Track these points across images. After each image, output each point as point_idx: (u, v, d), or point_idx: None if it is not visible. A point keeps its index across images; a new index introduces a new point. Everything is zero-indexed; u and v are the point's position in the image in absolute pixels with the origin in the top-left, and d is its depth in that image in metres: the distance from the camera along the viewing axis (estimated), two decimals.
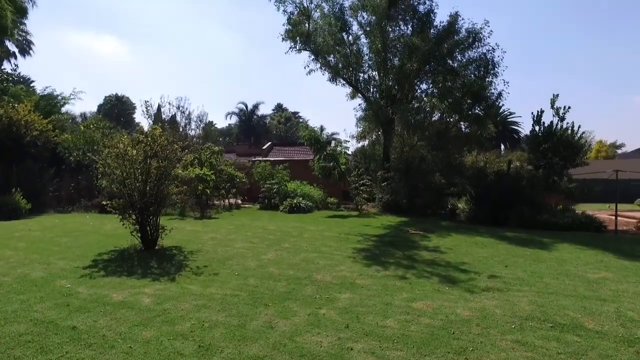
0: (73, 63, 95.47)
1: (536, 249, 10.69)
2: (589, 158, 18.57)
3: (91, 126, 21.60)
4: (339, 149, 22.37)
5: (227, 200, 22.14)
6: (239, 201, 23.45)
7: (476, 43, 19.88)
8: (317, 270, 7.79)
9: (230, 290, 6.32)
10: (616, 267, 8.56)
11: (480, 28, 19.67)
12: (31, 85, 40.89)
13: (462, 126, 21.69)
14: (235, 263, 8.31)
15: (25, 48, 34.29)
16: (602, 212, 20.54)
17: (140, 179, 9.28)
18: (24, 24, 17.56)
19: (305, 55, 22.33)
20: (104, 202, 9.71)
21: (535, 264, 8.77)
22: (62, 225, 13.76)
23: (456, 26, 20.05)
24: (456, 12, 20.06)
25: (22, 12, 16.24)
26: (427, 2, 20.83)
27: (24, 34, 30.09)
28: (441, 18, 43.77)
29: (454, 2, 54.13)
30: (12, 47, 30.70)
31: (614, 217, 15.57)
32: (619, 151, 57.33)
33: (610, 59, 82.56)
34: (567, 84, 79.47)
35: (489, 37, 19.70)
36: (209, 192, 18.92)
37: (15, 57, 33.86)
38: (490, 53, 19.78)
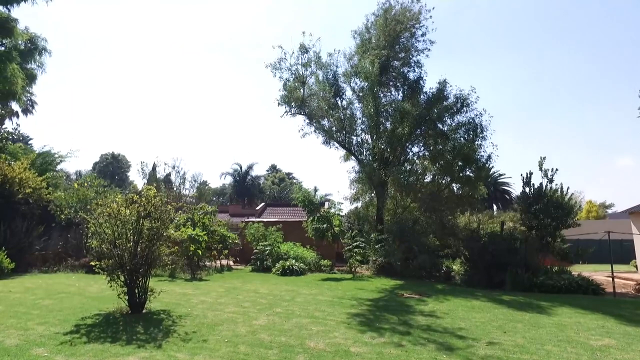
0: (71, 120, 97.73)
1: (535, 313, 10.42)
2: (580, 218, 18.81)
3: (85, 184, 21.62)
4: (332, 210, 22.42)
5: (218, 262, 21.67)
6: (231, 263, 22.95)
7: (464, 108, 20.91)
8: (310, 336, 7.47)
9: (219, 359, 5.99)
10: (619, 334, 8.32)
11: (468, 94, 20.83)
12: (29, 143, 41.54)
13: (454, 187, 22.07)
14: (226, 329, 7.96)
15: (29, 108, 35.22)
16: (598, 273, 20.35)
17: (132, 240, 9.14)
18: (31, 87, 18.35)
19: (300, 119, 23.19)
20: (93, 263, 9.46)
21: (535, 329, 8.50)
22: (46, 286, 13.25)
23: (445, 92, 21.18)
24: (444, 80, 21.31)
25: (31, 79, 16.94)
26: (417, 70, 22.22)
27: (29, 95, 31.13)
28: (430, 84, 46.23)
29: (443, 70, 57.71)
30: (15, 106, 31.61)
31: (611, 279, 15.41)
32: (609, 211, 58.06)
33: (594, 123, 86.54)
34: (554, 146, 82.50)
35: (476, 102, 20.85)
36: (200, 253, 18.56)
37: (18, 116, 34.66)
38: (478, 117, 20.78)
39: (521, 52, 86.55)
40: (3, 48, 14.22)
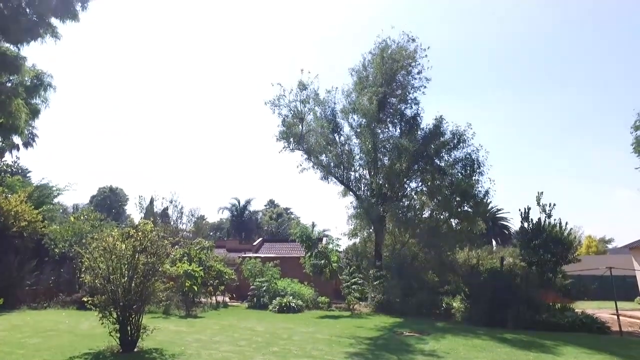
0: (71, 153, 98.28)
1: (539, 352, 10.11)
2: (580, 254, 18.65)
3: (81, 217, 21.45)
4: (330, 246, 22.21)
5: (214, 298, 21.19)
6: (227, 299, 22.45)
7: (461, 144, 21.21)
8: None
9: None
10: None
11: (464, 130, 21.18)
12: (27, 175, 41.53)
13: (453, 223, 22.00)
14: None
15: (30, 141, 35.48)
16: (602, 310, 19.91)
17: (127, 275, 8.98)
18: (34, 121, 18.65)
19: (299, 154, 23.39)
20: (85, 299, 9.23)
21: None
22: (34, 323, 12.85)
23: (441, 128, 21.54)
24: (440, 116, 21.72)
25: (35, 113, 17.23)
26: (414, 107, 22.70)
27: (30, 128, 31.48)
28: (427, 121, 47.06)
29: (439, 106, 58.86)
30: (17, 139, 31.81)
31: (616, 317, 15.07)
32: (609, 246, 57.63)
33: (590, 156, 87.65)
34: (552, 180, 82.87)
35: (472, 138, 21.15)
36: (196, 289, 18.17)
37: (18, 149, 34.80)
38: (475, 153, 21.04)
39: (516, 87, 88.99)
40: (10, 84, 14.57)
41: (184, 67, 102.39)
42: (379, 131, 22.28)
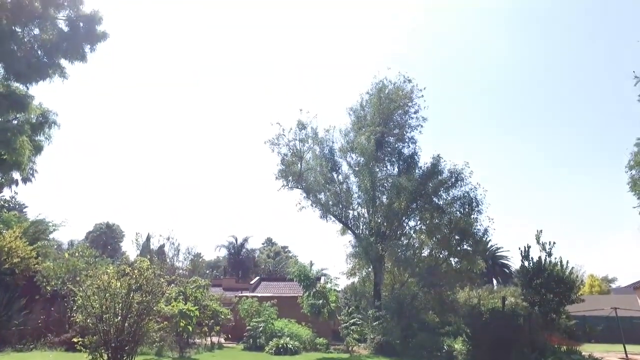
0: (68, 188, 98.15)
1: None
2: (583, 293, 18.33)
3: (76, 254, 21.11)
4: (328, 285, 21.84)
5: (209, 339, 20.51)
6: (222, 340, 21.72)
7: (459, 182, 21.40)
8: None
9: None
10: None
11: (462, 169, 21.44)
12: (24, 211, 41.26)
13: (452, 262, 21.78)
14: None
15: (29, 177, 35.51)
16: (610, 354, 19.26)
17: (120, 314, 8.78)
18: (37, 158, 18.85)
19: (297, 192, 23.48)
20: (75, 339, 8.96)
21: None
22: None
23: (439, 167, 21.79)
24: (438, 155, 22.04)
25: (38, 149, 17.43)
26: (411, 146, 23.09)
27: (31, 164, 31.63)
28: (425, 159, 47.66)
29: (437, 145, 60.00)
30: (16, 175, 31.81)
31: None
32: (613, 285, 56.72)
33: (591, 194, 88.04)
34: (551, 219, 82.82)
35: (470, 176, 21.38)
36: (191, 329, 17.64)
37: (17, 184, 34.72)
38: (473, 191, 21.18)
39: (513, 127, 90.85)
40: (16, 121, 14.85)
41: (183, 104, 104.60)
42: (377, 170, 22.51)
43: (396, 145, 22.90)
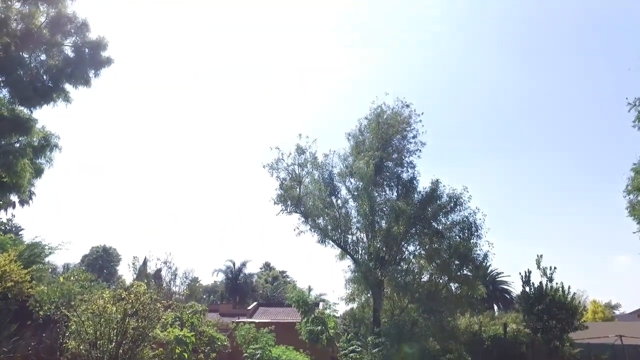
0: (66, 211, 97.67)
1: None
2: (586, 320, 18.08)
3: (71, 278, 20.79)
4: (327, 311, 21.54)
5: None
6: None
7: (458, 207, 21.38)
8: None
9: None
10: None
11: (460, 193, 21.43)
12: (20, 233, 40.84)
13: (452, 287, 21.56)
14: None
15: (27, 199, 35.35)
16: None
17: (114, 340, 8.63)
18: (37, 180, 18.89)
19: (296, 217, 23.38)
20: None
21: None
22: None
23: (438, 191, 21.79)
24: (437, 179, 22.06)
25: (38, 172, 17.50)
26: (410, 170, 23.15)
27: (30, 186, 31.57)
28: (424, 184, 47.92)
29: (435, 169, 60.22)
30: (14, 197, 31.64)
31: None
32: (617, 312, 55.75)
33: (591, 220, 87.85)
34: (551, 244, 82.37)
35: (469, 201, 21.34)
36: (186, 356, 17.21)
37: (14, 207, 34.49)
38: (472, 216, 21.12)
39: (512, 151, 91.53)
40: (18, 144, 15.00)
41: (181, 127, 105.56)
42: (376, 194, 22.53)
43: (395, 170, 23.01)
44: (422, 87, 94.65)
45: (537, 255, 17.95)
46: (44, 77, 13.62)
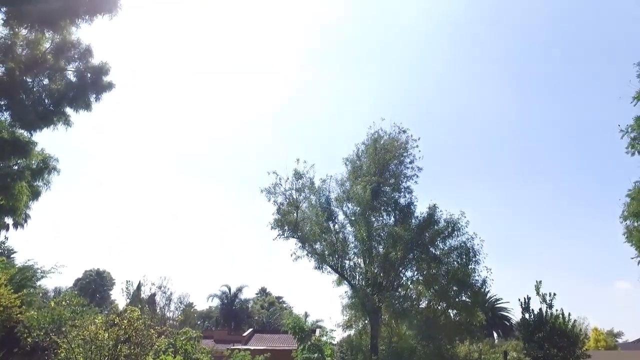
0: (60, 233, 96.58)
1: None
2: (588, 348, 17.78)
3: (63, 302, 20.33)
4: (324, 338, 21.07)
5: None
6: None
7: (455, 232, 21.37)
8: None
9: None
10: None
11: (458, 218, 21.49)
12: (12, 256, 40.16)
13: (451, 314, 21.28)
14: None
15: (22, 222, 34.95)
16: None
17: None
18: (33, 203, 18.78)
19: (293, 242, 23.24)
20: None
21: None
22: None
23: (435, 216, 21.84)
24: (434, 204, 22.13)
25: (35, 195, 17.44)
26: (407, 195, 23.24)
27: (25, 209, 31.30)
28: (421, 209, 47.87)
29: (432, 194, 60.19)
30: (8, 219, 31.27)
31: None
32: (620, 340, 54.63)
33: (591, 245, 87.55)
34: (551, 270, 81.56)
35: (466, 226, 21.39)
36: None
37: (7, 229, 34.00)
38: (470, 241, 21.13)
39: (509, 176, 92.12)
40: (16, 167, 15.01)
41: (178, 151, 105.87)
42: (374, 219, 22.51)
43: (392, 195, 23.08)
44: (419, 109, 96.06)
45: (536, 281, 17.84)
46: (46, 100, 13.79)
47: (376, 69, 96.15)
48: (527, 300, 17.64)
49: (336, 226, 23.31)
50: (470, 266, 20.70)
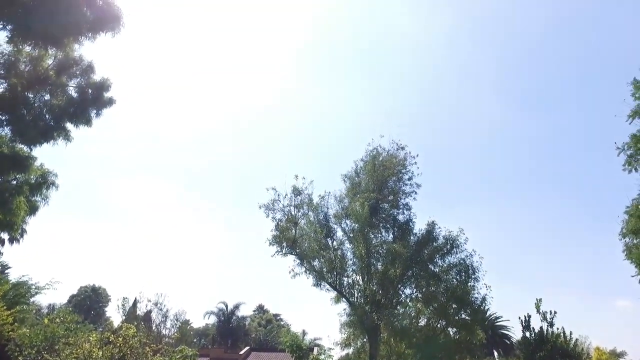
0: (56, 248, 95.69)
1: None
2: None
3: (57, 319, 19.98)
4: (322, 357, 20.79)
5: None
6: None
7: (454, 249, 21.25)
8: None
9: None
10: None
11: (457, 235, 21.36)
12: (6, 272, 39.60)
13: (451, 332, 21.04)
14: None
15: (18, 237, 34.59)
16: None
17: None
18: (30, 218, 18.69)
19: (291, 259, 23.08)
20: None
21: None
22: None
23: (434, 233, 21.76)
24: (433, 221, 22.05)
25: (33, 210, 17.39)
26: (406, 212, 23.16)
27: (22, 224, 31.07)
28: (420, 225, 47.68)
29: (430, 211, 60.19)
30: (4, 234, 30.93)
31: None
32: None
33: (591, 262, 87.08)
34: (550, 288, 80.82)
35: (465, 243, 21.26)
36: None
37: (3, 244, 33.62)
38: (469, 258, 20.99)
39: (508, 193, 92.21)
40: (15, 182, 15.02)
41: (176, 166, 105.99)
42: (372, 236, 22.42)
43: (391, 212, 23.04)
44: (418, 126, 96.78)
45: (537, 299, 17.65)
46: (47, 116, 13.90)
47: (376, 84, 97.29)
48: (527, 319, 17.43)
49: (335, 243, 23.19)
50: (469, 284, 20.54)
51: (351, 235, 22.73)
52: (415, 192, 23.63)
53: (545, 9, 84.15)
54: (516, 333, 46.05)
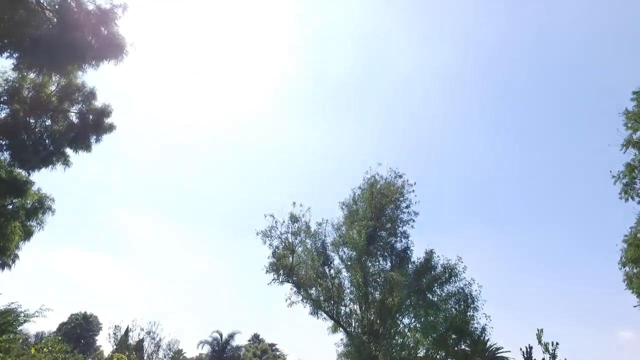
0: (48, 275, 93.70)
1: None
2: None
3: (45, 349, 19.45)
4: None
5: None
6: None
7: (453, 278, 21.05)
8: None
9: None
10: None
11: (455, 263, 21.21)
12: None
13: None
14: None
15: (9, 263, 34.15)
16: None
17: None
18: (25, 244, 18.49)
19: (288, 287, 22.80)
20: None
21: None
22: None
23: (432, 262, 21.62)
24: (431, 250, 21.96)
25: (28, 235, 17.24)
26: (403, 240, 23.04)
27: (15, 249, 30.67)
28: (418, 254, 47.29)
29: (429, 240, 59.52)
30: None
31: None
32: None
33: (591, 293, 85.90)
34: (552, 318, 79.46)
35: (464, 272, 21.06)
36: None
37: None
38: (468, 287, 20.75)
39: (506, 222, 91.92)
40: (11, 206, 14.96)
41: (170, 192, 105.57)
42: (370, 264, 22.25)
43: (388, 240, 22.93)
44: (415, 154, 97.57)
45: (538, 330, 17.29)
46: (47, 141, 14.02)
47: (374, 117, 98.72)
48: (529, 350, 17.07)
49: (332, 271, 22.98)
50: (469, 313, 20.24)
51: (348, 263, 22.55)
52: (413, 220, 23.61)
53: (538, 40, 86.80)
54: None
